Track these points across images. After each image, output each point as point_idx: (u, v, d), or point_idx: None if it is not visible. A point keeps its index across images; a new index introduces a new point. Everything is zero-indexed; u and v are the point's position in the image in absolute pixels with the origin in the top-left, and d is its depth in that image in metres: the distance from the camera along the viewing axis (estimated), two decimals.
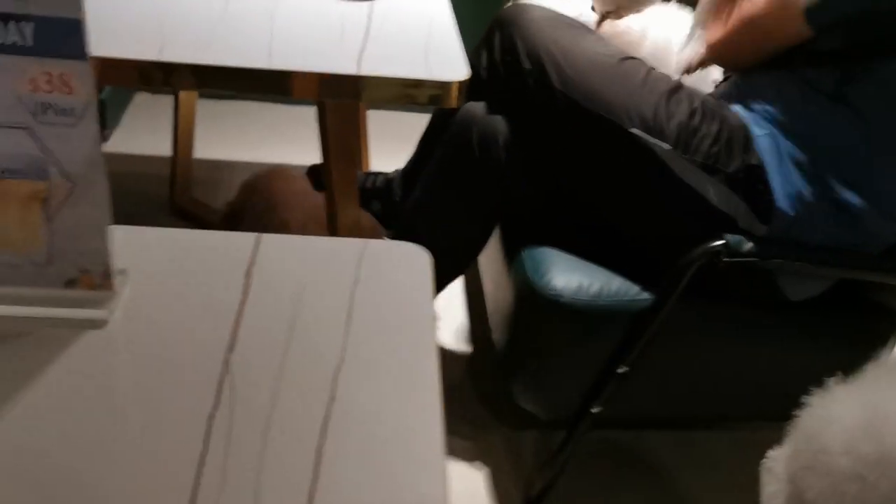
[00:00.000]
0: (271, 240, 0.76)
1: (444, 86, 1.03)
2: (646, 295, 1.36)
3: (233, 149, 2.38)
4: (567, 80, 1.34)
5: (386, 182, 1.68)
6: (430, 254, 1.50)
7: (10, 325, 0.62)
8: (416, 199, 1.50)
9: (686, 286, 1.30)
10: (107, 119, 2.37)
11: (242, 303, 0.69)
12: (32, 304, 0.62)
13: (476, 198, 1.45)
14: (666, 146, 1.30)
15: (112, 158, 2.30)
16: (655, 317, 1.34)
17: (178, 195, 2.11)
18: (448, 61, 1.08)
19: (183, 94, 2.00)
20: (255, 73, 1.00)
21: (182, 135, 2.05)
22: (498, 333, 1.59)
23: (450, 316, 1.88)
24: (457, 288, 1.72)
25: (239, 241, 0.76)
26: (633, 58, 1.38)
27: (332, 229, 1.30)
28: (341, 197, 1.24)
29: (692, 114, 1.31)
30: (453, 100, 1.03)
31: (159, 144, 2.17)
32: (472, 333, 1.87)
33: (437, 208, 1.47)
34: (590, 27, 1.44)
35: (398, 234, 1.56)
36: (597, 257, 1.41)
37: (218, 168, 2.30)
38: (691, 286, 1.31)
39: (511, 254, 1.47)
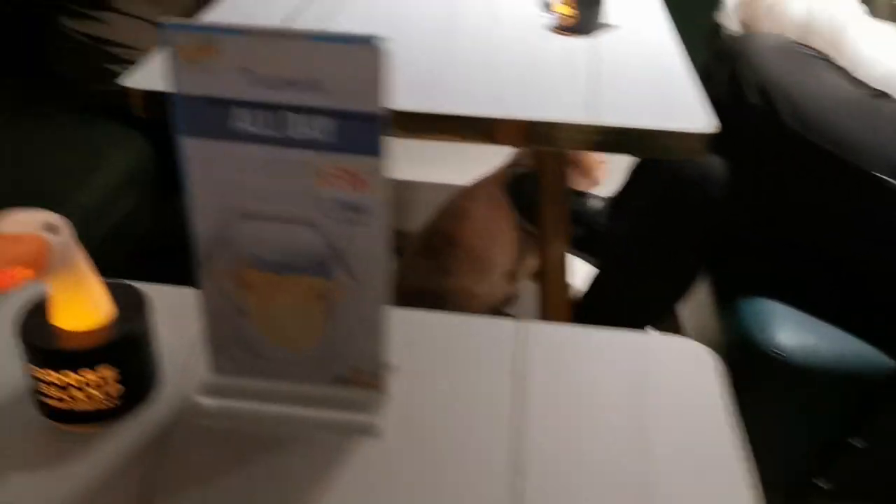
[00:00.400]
0: (536, 329, 0.67)
1: (688, 138, 0.92)
2: (886, 362, 1.21)
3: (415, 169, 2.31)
4: (801, 117, 1.20)
5: (590, 208, 1.58)
6: (640, 292, 1.43)
7: (280, 425, 0.57)
8: (625, 232, 1.40)
9: None
10: None
11: (518, 407, 0.61)
12: (302, 404, 0.58)
13: (689, 237, 1.33)
14: None
15: None
16: None
17: None
18: (688, 107, 0.97)
19: None
20: (469, 122, 0.92)
21: None
22: None
23: None
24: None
25: (501, 330, 0.67)
26: (885, 94, 1.23)
27: (542, 266, 1.22)
28: (551, 236, 1.15)
29: None
30: (699, 153, 0.91)
31: None
32: None
33: (647, 245, 1.36)
34: (824, 58, 1.29)
35: (600, 265, 1.46)
36: (824, 314, 1.26)
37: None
38: None
39: (724, 302, 1.34)
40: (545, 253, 1.20)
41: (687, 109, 0.98)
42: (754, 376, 1.29)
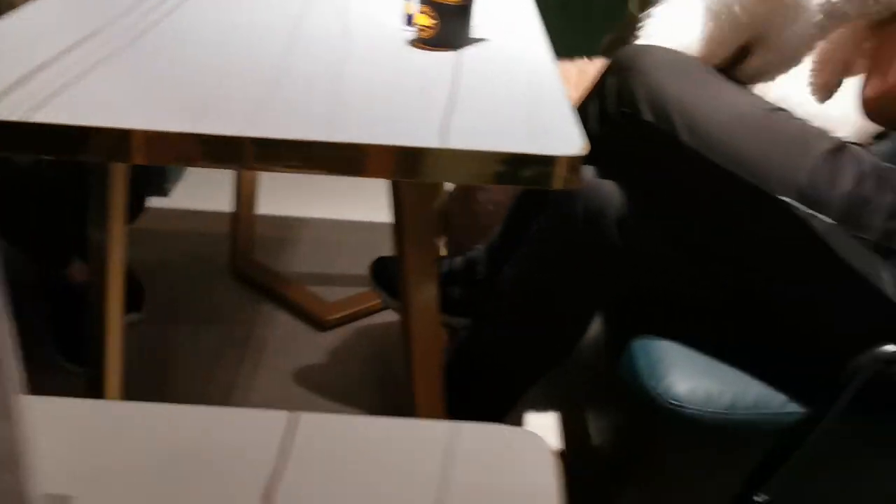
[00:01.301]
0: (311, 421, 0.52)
1: (549, 162, 0.79)
2: (793, 407, 1.09)
3: (300, 205, 2.19)
4: (700, 135, 1.08)
5: (466, 263, 1.43)
6: (523, 346, 1.31)
7: None
8: (508, 279, 1.26)
9: (849, 399, 1.02)
10: (168, 172, 2.20)
11: None
12: None
13: (581, 280, 1.20)
14: (827, 220, 1.03)
15: (172, 215, 2.14)
16: (806, 436, 1.06)
17: (239, 257, 1.91)
18: (555, 130, 0.84)
19: None
20: (314, 147, 0.78)
21: (244, 191, 1.87)
22: (602, 437, 1.33)
23: (541, 404, 1.62)
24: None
25: (269, 421, 0.52)
26: (782, 109, 1.12)
27: (406, 319, 1.07)
28: (418, 284, 1.00)
29: (860, 180, 1.05)
30: (561, 180, 0.78)
31: (223, 199, 1.99)
32: (566, 425, 1.61)
33: (534, 291, 1.23)
34: (723, 75, 1.19)
35: (482, 319, 1.32)
36: (727, 357, 1.14)
37: (283, 226, 2.10)
38: (856, 399, 1.02)
39: (619, 347, 1.21)
40: (409, 306, 1.05)
41: (553, 131, 0.85)
42: (649, 428, 1.16)
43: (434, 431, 0.51)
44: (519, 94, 0.92)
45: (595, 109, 1.20)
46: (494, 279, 1.31)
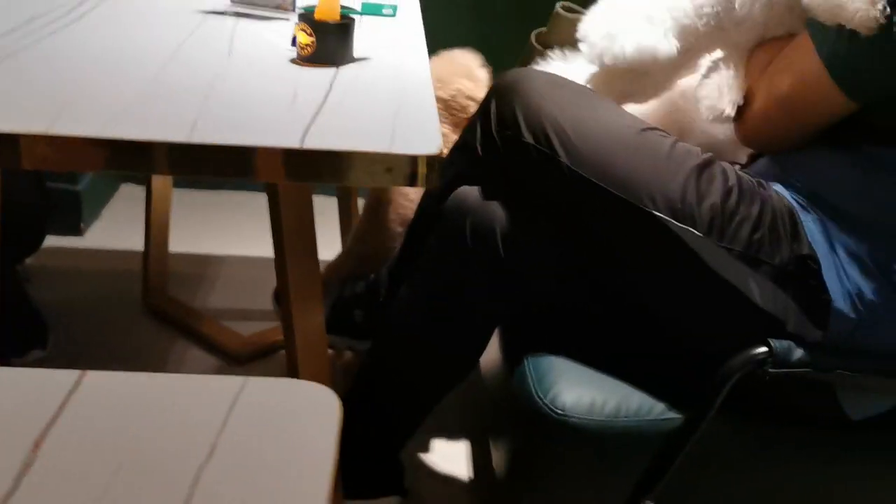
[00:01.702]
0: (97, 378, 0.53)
1: (407, 161, 0.82)
2: (674, 414, 1.12)
3: (212, 242, 2.19)
4: (577, 155, 1.13)
5: (367, 285, 1.45)
6: (421, 366, 1.31)
7: None
8: (401, 301, 1.28)
9: (724, 402, 1.06)
10: (83, 212, 2.19)
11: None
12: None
13: (471, 298, 1.22)
14: (697, 233, 1.07)
15: (86, 254, 2.12)
16: (687, 440, 1.09)
17: (152, 293, 1.90)
18: (416, 134, 0.87)
19: (157, 183, 1.82)
20: (180, 149, 0.80)
21: (156, 227, 1.86)
22: (499, 455, 1.35)
23: (448, 431, 1.63)
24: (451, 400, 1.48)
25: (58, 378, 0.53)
26: (654, 128, 1.17)
27: (290, 342, 1.07)
28: (301, 301, 1.01)
29: (727, 193, 1.09)
30: (421, 178, 0.81)
31: (139, 239, 1.98)
32: (473, 452, 1.62)
33: (427, 312, 1.25)
34: (602, 96, 1.24)
35: (379, 343, 1.33)
36: (613, 368, 1.17)
37: (197, 262, 2.10)
38: (730, 402, 1.06)
39: (513, 362, 1.23)
40: (296, 327, 1.06)
41: (414, 134, 0.88)
42: (542, 439, 1.18)
43: (222, 384, 0.52)
44: (386, 101, 0.95)
45: (480, 132, 1.24)
46: (392, 302, 1.33)
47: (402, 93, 1.00)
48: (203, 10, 1.29)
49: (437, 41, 2.30)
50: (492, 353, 1.32)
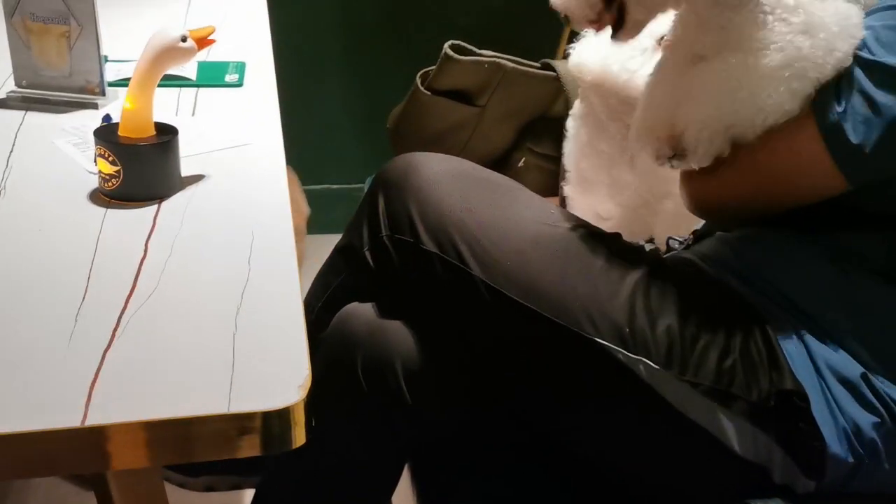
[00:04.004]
0: None
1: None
2: None
3: None
4: (493, 267, 0.88)
5: None
6: None
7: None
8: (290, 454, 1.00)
9: None
10: None
11: None
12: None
13: (371, 445, 0.96)
14: (653, 365, 0.84)
15: None
16: None
17: None
18: (271, 363, 0.59)
19: None
20: None
21: None
22: None
23: None
24: None
25: None
26: (584, 225, 0.92)
27: None
28: None
29: (686, 310, 0.86)
30: (276, 442, 0.54)
31: None
32: None
33: (322, 460, 0.97)
34: (517, 183, 0.98)
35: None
36: None
37: None
38: None
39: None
40: None
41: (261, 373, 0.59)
42: None
43: None
44: (227, 288, 0.66)
45: (367, 233, 0.97)
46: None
47: (253, 260, 0.71)
48: None
49: (306, 93, 2.08)
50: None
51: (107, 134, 0.77)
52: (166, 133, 0.79)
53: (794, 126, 0.84)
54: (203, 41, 0.81)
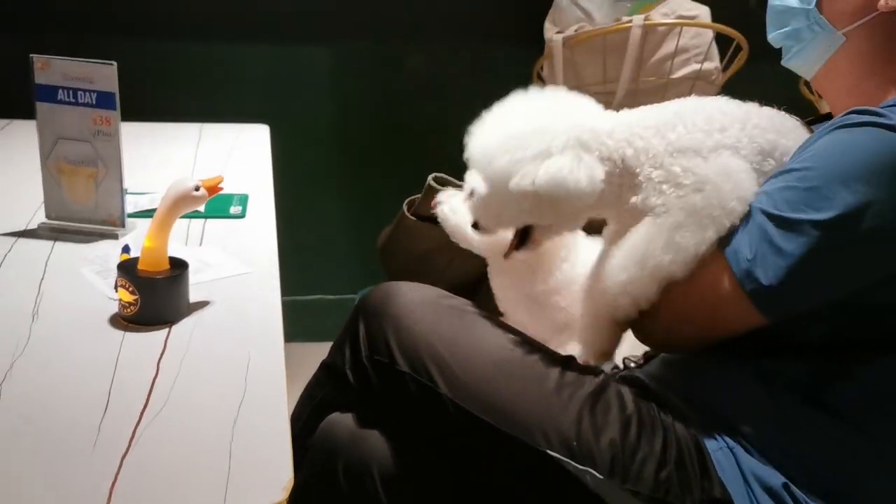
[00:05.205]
0: None
1: None
2: None
3: None
4: (459, 386, 1.00)
5: None
6: None
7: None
8: None
9: None
10: None
11: None
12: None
13: None
14: (598, 475, 0.95)
15: None
16: None
17: None
18: (262, 467, 0.70)
19: None
20: None
21: None
22: None
23: None
24: None
25: None
26: (541, 349, 1.05)
27: None
28: None
29: (626, 425, 0.98)
30: None
31: None
32: None
33: None
34: (482, 310, 1.11)
35: None
36: None
37: None
38: None
39: None
40: None
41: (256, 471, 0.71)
42: None
43: None
44: (227, 397, 0.79)
45: (349, 354, 1.09)
46: None
47: (249, 378, 0.83)
48: (12, 232, 1.13)
49: (304, 213, 2.21)
50: None
51: (128, 268, 0.89)
52: (178, 267, 0.92)
53: (714, 271, 0.95)
54: (213, 189, 0.96)
